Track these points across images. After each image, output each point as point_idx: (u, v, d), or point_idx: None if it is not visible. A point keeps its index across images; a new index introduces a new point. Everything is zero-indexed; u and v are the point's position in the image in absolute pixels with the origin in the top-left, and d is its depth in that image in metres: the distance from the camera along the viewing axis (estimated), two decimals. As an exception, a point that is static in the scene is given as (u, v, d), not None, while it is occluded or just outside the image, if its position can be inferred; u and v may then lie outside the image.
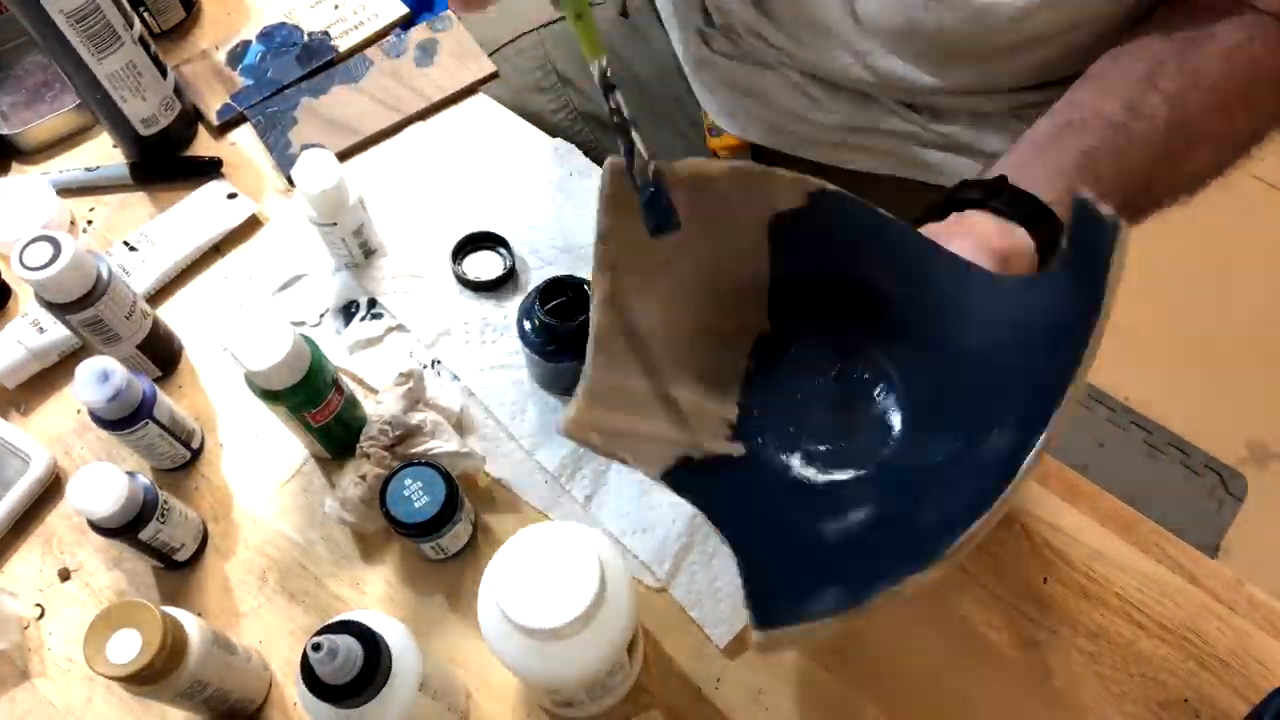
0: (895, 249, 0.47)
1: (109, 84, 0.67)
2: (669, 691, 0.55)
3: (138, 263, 0.69)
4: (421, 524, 0.53)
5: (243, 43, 0.80)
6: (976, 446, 0.43)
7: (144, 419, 0.57)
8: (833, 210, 0.48)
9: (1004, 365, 0.44)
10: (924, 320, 0.48)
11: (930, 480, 0.45)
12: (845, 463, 0.49)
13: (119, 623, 0.46)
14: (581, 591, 0.42)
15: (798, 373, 0.52)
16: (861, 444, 0.49)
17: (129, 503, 0.53)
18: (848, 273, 0.49)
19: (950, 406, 0.47)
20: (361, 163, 0.75)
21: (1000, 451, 0.40)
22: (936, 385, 0.48)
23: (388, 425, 0.58)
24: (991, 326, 0.45)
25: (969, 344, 0.46)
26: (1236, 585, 0.56)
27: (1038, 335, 0.41)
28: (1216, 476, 1.40)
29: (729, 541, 0.43)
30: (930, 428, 0.48)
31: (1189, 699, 0.54)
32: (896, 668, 0.55)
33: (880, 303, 0.49)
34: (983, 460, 0.41)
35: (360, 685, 0.43)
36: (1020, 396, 0.41)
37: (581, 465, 0.61)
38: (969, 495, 0.38)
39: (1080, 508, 0.59)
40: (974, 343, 0.46)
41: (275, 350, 0.52)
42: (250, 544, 0.61)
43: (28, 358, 0.65)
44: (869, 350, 0.51)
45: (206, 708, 0.52)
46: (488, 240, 0.69)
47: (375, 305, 0.68)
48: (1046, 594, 0.57)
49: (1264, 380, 1.46)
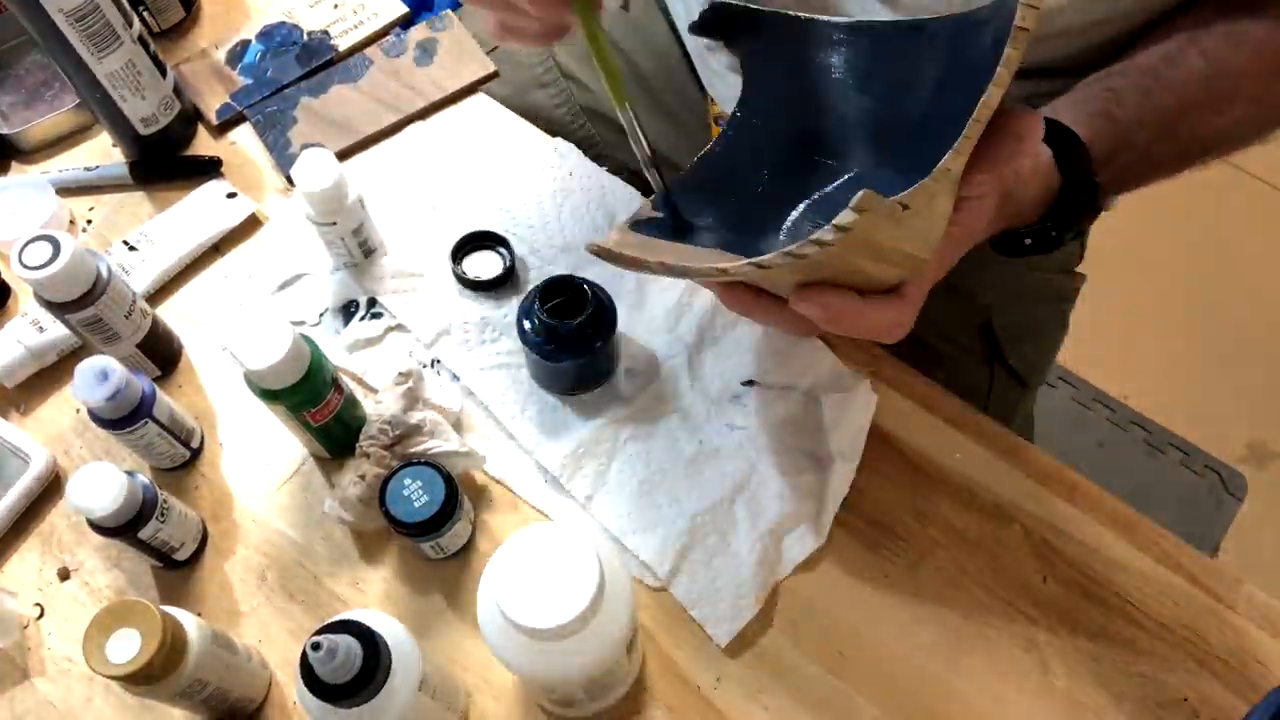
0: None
1: (108, 83, 0.67)
2: (668, 691, 0.55)
3: (137, 262, 0.69)
4: (421, 523, 0.53)
5: (242, 42, 0.80)
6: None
7: (143, 418, 0.57)
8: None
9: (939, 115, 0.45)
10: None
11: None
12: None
13: (118, 622, 0.46)
14: (581, 591, 0.42)
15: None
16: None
17: (128, 502, 0.53)
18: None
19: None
20: (361, 162, 0.75)
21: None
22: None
23: (387, 425, 0.58)
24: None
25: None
26: (1236, 585, 0.56)
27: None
28: (1216, 476, 1.40)
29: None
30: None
31: (1188, 698, 0.54)
32: (896, 667, 0.55)
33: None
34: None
35: (359, 685, 0.43)
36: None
37: (582, 465, 0.61)
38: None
39: (1080, 507, 0.59)
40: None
41: (275, 349, 0.53)
42: (250, 543, 0.61)
43: (27, 357, 0.65)
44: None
45: (206, 707, 0.52)
46: (487, 240, 0.69)
47: (375, 305, 0.68)
48: (1046, 593, 0.57)
49: (1264, 380, 1.46)
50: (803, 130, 0.54)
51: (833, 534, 0.59)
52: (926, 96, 0.48)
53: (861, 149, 0.52)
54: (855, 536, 0.59)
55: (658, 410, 0.63)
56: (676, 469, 0.61)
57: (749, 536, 0.58)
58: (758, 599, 0.57)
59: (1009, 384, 0.77)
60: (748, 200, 0.54)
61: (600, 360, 0.61)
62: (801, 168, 0.54)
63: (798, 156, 0.54)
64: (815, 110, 0.53)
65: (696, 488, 0.60)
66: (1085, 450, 1.43)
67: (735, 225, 0.53)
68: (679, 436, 0.62)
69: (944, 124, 0.45)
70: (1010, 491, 0.60)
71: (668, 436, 0.62)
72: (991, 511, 0.59)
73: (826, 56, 0.52)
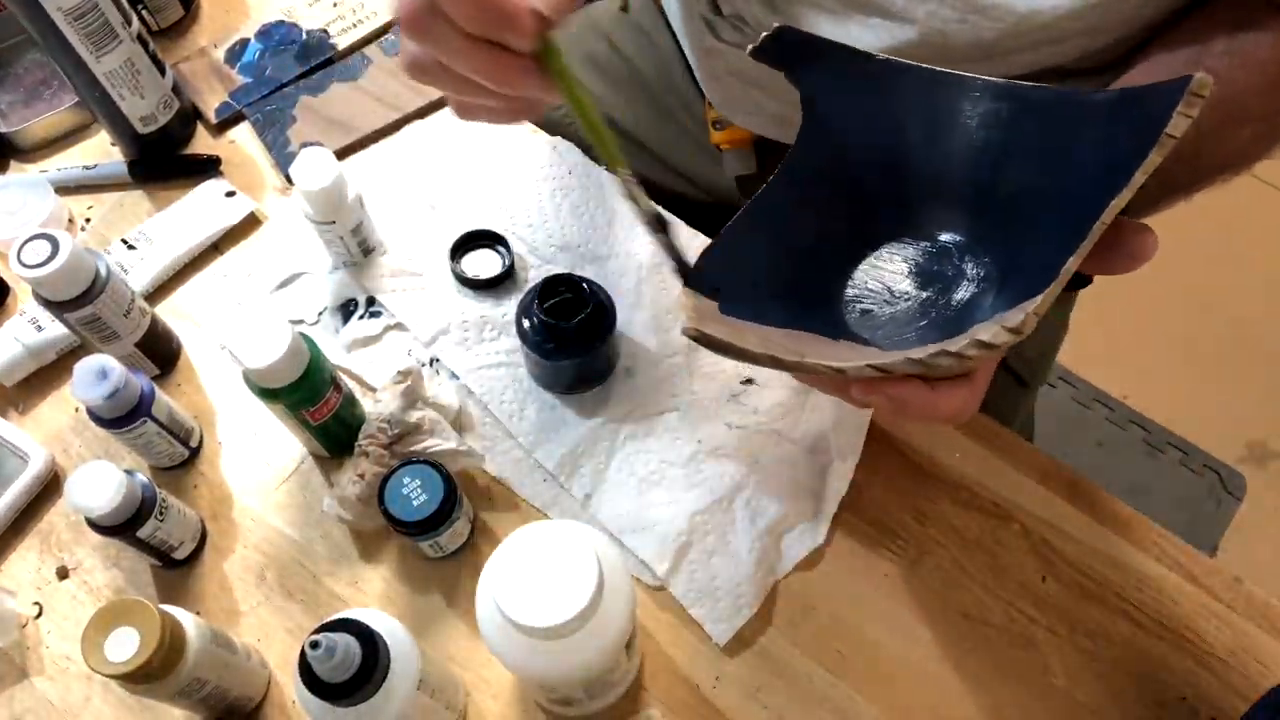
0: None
1: (107, 82, 0.67)
2: (667, 690, 0.55)
3: (136, 261, 0.69)
4: (420, 522, 0.53)
5: (241, 41, 0.80)
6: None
7: (142, 417, 0.57)
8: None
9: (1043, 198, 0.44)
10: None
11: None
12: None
13: (117, 621, 0.46)
14: (580, 590, 0.42)
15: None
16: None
17: (127, 501, 0.53)
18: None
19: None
20: (360, 161, 0.75)
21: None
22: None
23: (386, 423, 0.58)
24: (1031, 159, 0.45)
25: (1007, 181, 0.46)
26: (1235, 584, 0.56)
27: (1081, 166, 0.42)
28: (1215, 475, 1.40)
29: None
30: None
31: (1187, 697, 0.54)
32: (895, 667, 0.55)
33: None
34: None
35: (358, 683, 0.43)
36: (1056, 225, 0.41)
37: (580, 463, 0.61)
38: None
39: (1079, 506, 0.59)
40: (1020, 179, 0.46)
41: (274, 348, 0.52)
42: (249, 542, 0.61)
43: (26, 356, 0.65)
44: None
45: (205, 706, 0.52)
46: (486, 238, 0.69)
47: (374, 303, 0.67)
48: (1045, 593, 0.57)
49: (1264, 380, 1.46)
50: (855, 179, 0.50)
51: (832, 533, 0.59)
52: (1014, 164, 0.46)
53: (933, 207, 0.49)
54: (855, 536, 0.59)
55: (657, 409, 0.63)
56: (675, 468, 0.61)
57: (748, 535, 0.58)
58: (757, 598, 0.57)
59: (1009, 384, 0.77)
60: (799, 255, 0.50)
61: (599, 359, 0.61)
62: (854, 216, 0.50)
63: (854, 206, 0.51)
64: (879, 160, 0.50)
65: (695, 487, 0.60)
66: (1085, 450, 1.43)
67: (790, 284, 0.49)
68: (678, 435, 0.62)
69: (1032, 199, 0.45)
70: (1010, 491, 0.60)
71: (667, 435, 0.62)
72: (991, 511, 0.59)
73: (905, 103, 0.48)
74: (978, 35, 0.57)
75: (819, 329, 0.48)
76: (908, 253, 0.50)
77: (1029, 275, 0.42)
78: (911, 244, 0.50)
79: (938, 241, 0.49)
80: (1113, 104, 0.42)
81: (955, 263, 0.49)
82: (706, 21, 0.73)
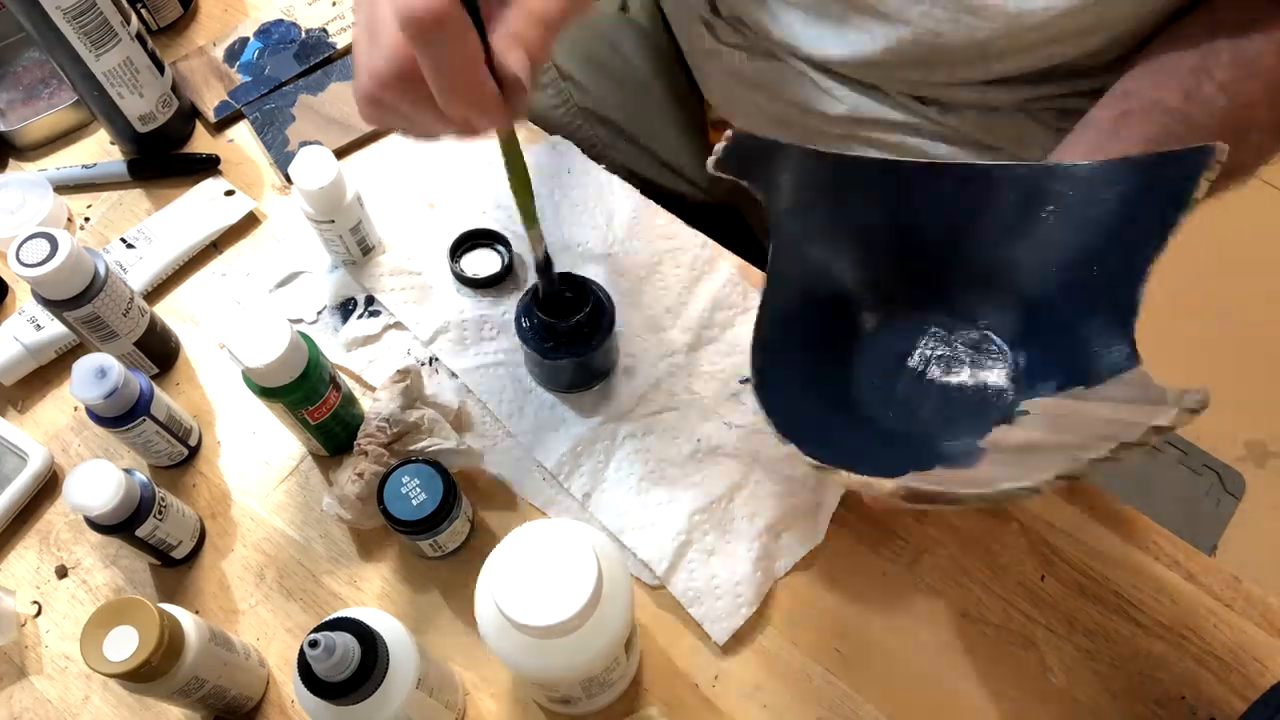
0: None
1: (106, 81, 0.67)
2: (666, 689, 0.55)
3: (135, 260, 0.69)
4: (419, 521, 0.53)
5: (240, 39, 0.80)
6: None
7: (141, 416, 0.57)
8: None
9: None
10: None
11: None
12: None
13: (116, 620, 0.46)
14: (579, 589, 0.42)
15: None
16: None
17: (126, 500, 0.53)
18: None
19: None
20: (359, 160, 0.75)
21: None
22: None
23: (385, 422, 0.58)
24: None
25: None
26: (1234, 583, 0.56)
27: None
28: (1215, 475, 1.40)
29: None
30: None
31: (1186, 696, 0.54)
32: (894, 666, 0.55)
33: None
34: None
35: (357, 682, 0.43)
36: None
37: (580, 462, 0.61)
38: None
39: (1078, 505, 0.59)
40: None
41: (273, 347, 0.52)
42: (248, 541, 0.61)
43: (25, 355, 0.64)
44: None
45: (204, 705, 0.52)
46: (486, 237, 0.69)
47: (373, 302, 0.67)
48: (1044, 592, 0.57)
49: (1263, 380, 1.46)
50: (831, 287, 0.53)
51: (831, 532, 0.59)
52: (1003, 237, 0.50)
53: (930, 293, 0.53)
54: (854, 535, 0.59)
55: (656, 408, 0.63)
56: (675, 467, 0.61)
57: (747, 534, 0.58)
58: (756, 597, 0.57)
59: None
60: (817, 350, 0.52)
61: (598, 358, 0.61)
62: (836, 317, 0.53)
63: (829, 310, 0.53)
64: (848, 254, 0.53)
65: (695, 486, 0.60)
66: (1084, 449, 1.43)
67: (814, 379, 0.51)
68: (677, 434, 0.62)
69: (1026, 273, 0.49)
70: (1008, 490, 0.60)
71: (666, 434, 0.62)
72: (990, 510, 0.59)
73: (871, 195, 0.51)
74: (971, 35, 0.57)
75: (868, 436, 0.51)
76: (910, 342, 0.53)
77: (1043, 337, 0.47)
78: (912, 332, 0.53)
79: (929, 329, 0.53)
80: (1094, 178, 0.47)
81: (961, 345, 0.53)
82: (706, 23, 0.73)
